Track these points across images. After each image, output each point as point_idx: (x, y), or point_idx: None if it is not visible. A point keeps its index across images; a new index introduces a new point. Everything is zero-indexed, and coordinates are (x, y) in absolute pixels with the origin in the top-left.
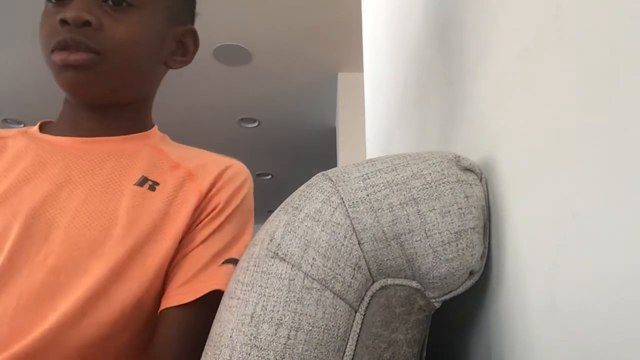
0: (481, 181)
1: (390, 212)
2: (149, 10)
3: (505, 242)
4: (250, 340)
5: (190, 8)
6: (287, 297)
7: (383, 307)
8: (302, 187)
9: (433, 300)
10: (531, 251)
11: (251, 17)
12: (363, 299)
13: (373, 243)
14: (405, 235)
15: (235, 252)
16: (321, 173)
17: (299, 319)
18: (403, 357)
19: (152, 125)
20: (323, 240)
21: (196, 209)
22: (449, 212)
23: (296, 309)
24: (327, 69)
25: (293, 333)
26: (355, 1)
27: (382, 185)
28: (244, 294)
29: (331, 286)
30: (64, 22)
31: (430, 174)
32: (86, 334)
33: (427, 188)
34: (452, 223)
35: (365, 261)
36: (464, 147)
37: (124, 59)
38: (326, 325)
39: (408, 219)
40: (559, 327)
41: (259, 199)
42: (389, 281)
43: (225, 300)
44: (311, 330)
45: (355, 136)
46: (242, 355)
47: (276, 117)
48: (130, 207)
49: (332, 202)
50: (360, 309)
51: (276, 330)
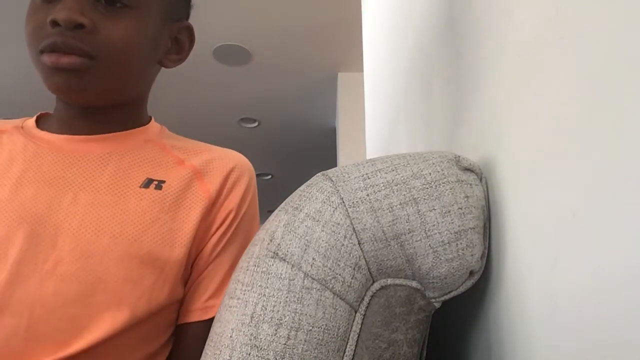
0: (481, 181)
1: (390, 212)
2: (144, 10)
3: (505, 242)
4: (250, 340)
5: (185, 2)
6: (287, 297)
7: (383, 307)
8: (302, 187)
9: (433, 300)
10: (531, 251)
11: (251, 17)
12: (363, 299)
13: (373, 243)
14: (405, 235)
15: None
16: (321, 173)
17: (299, 319)
18: (403, 357)
19: (149, 118)
20: (323, 240)
21: (206, 214)
22: (449, 212)
23: (296, 309)
24: (327, 69)
25: (293, 333)
26: (355, 1)
27: (382, 185)
28: (244, 294)
29: (331, 286)
30: (55, 24)
31: (430, 174)
32: (108, 346)
33: (427, 188)
34: (452, 223)
35: (365, 261)
36: (464, 147)
37: (118, 63)
38: (326, 325)
39: (408, 219)
40: (559, 327)
41: (259, 199)
42: (389, 281)
43: (225, 300)
44: (311, 330)
45: (355, 136)
46: (242, 355)
47: (276, 117)
48: (139, 212)
49: (332, 202)
50: (360, 309)
51: (276, 330)
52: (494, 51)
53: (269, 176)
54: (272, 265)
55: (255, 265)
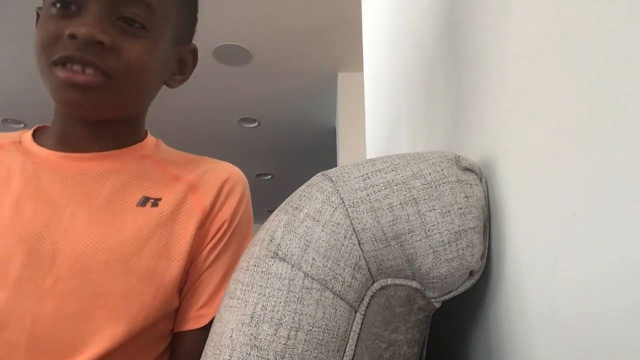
0: (481, 181)
1: (390, 212)
2: (159, 33)
3: (505, 242)
4: (250, 340)
5: (193, 26)
6: (287, 297)
7: (383, 307)
8: (302, 187)
9: (433, 300)
10: (531, 251)
11: (251, 17)
12: (363, 299)
13: (373, 243)
14: (405, 235)
15: None
16: (321, 173)
17: (299, 319)
18: (403, 357)
19: (146, 133)
20: (323, 240)
21: (201, 226)
22: (449, 212)
23: (296, 309)
24: (327, 69)
25: (293, 333)
26: (355, 1)
27: (382, 185)
28: (244, 294)
29: (331, 286)
30: (73, 37)
31: (430, 174)
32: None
33: (427, 188)
34: (452, 223)
35: (365, 261)
36: (464, 147)
37: (132, 83)
38: (326, 325)
39: (408, 219)
40: (559, 327)
41: (259, 199)
42: (389, 281)
43: (225, 300)
44: (311, 330)
45: (355, 136)
46: (242, 355)
47: (276, 117)
48: (136, 229)
49: (332, 202)
50: (360, 309)
51: (276, 330)
52: (494, 51)
53: (269, 176)
54: (272, 265)
55: (255, 265)
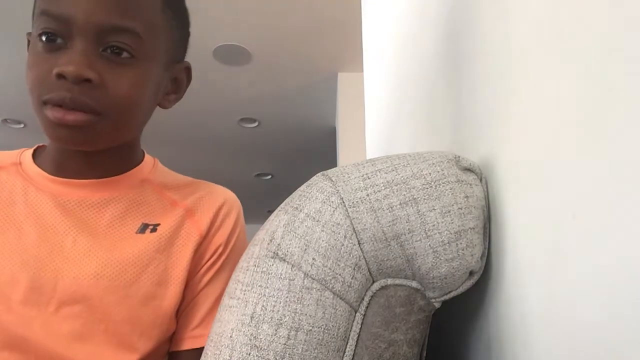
0: (481, 181)
1: (390, 212)
2: (150, 59)
3: (505, 242)
4: (250, 340)
5: (185, 41)
6: (287, 297)
7: (383, 307)
8: (302, 187)
9: (433, 300)
10: (531, 251)
11: (251, 17)
12: (363, 299)
13: (373, 243)
14: (405, 235)
15: None
16: (321, 173)
17: (299, 319)
18: (403, 357)
19: (143, 153)
20: (323, 240)
21: (197, 249)
22: (449, 212)
23: (296, 309)
24: (327, 69)
25: (293, 333)
26: (355, 1)
27: (382, 185)
28: (244, 294)
29: (331, 286)
30: (62, 77)
31: (430, 174)
32: None
33: (427, 188)
34: (452, 223)
35: (365, 261)
36: (464, 147)
37: (124, 116)
38: (326, 325)
39: (408, 219)
40: (559, 327)
41: (259, 199)
42: (389, 281)
43: (225, 300)
44: (311, 330)
45: (355, 136)
46: (242, 355)
47: (276, 117)
48: (136, 255)
49: (332, 202)
50: (360, 309)
51: (276, 330)
52: (495, 51)
53: (269, 176)
54: (272, 265)
55: (255, 265)
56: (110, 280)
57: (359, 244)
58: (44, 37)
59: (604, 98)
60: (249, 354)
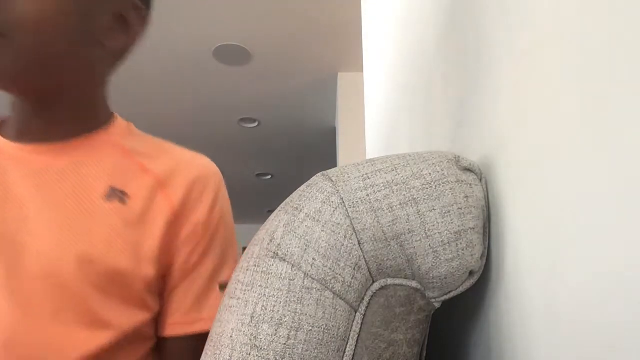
0: (481, 181)
1: (390, 212)
2: None
3: (505, 242)
4: (250, 340)
5: None
6: (287, 297)
7: (383, 307)
8: (302, 187)
9: (433, 300)
10: (531, 251)
11: (251, 17)
12: (363, 299)
13: (373, 243)
14: (405, 235)
15: (227, 270)
16: (321, 173)
17: (299, 319)
18: (403, 357)
19: (111, 115)
20: (323, 240)
21: (171, 226)
22: (449, 212)
23: (296, 309)
24: (327, 69)
25: (293, 333)
26: (355, 2)
27: (382, 185)
28: (244, 294)
29: (331, 286)
30: None
31: (430, 174)
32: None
33: (427, 188)
34: (452, 223)
35: (365, 261)
36: (464, 147)
37: (33, 38)
38: (326, 325)
39: (408, 219)
40: (559, 327)
41: (259, 199)
42: (389, 281)
43: (225, 300)
44: (311, 330)
45: (355, 136)
46: (242, 355)
47: (276, 117)
48: (104, 229)
49: (332, 202)
50: (360, 309)
51: (276, 330)
52: (495, 51)
53: (269, 176)
54: (272, 265)
55: (255, 265)
56: (76, 255)
57: (359, 244)
58: None
59: (605, 97)
60: (249, 354)
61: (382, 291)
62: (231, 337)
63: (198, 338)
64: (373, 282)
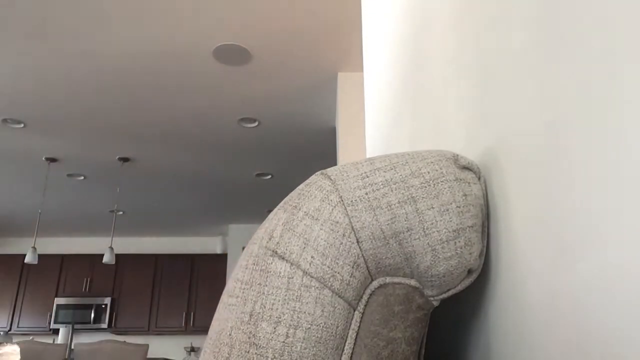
0: (479, 179)
1: (388, 211)
2: None
3: (503, 241)
4: (249, 338)
5: None
6: (286, 295)
7: (382, 306)
8: (301, 186)
9: (431, 298)
10: (530, 249)
11: (251, 17)
12: (362, 297)
13: (372, 241)
14: (403, 233)
15: None
16: (320, 172)
17: (298, 317)
18: (402, 355)
19: None
20: (322, 238)
21: None
22: (448, 211)
23: (295, 307)
24: (327, 69)
25: (292, 331)
26: (355, 1)
27: (381, 183)
28: (243, 292)
29: (330, 284)
30: None
31: (428, 173)
32: None
33: (426, 186)
34: (451, 221)
35: (363, 259)
36: (463, 146)
37: None
38: (325, 323)
39: (406, 217)
40: (559, 326)
41: (259, 199)
42: (388, 279)
43: (224, 298)
44: (310, 328)
45: (355, 136)
46: (241, 353)
47: (276, 117)
48: None
49: (331, 201)
50: (358, 307)
51: (275, 328)
52: (494, 50)
53: (269, 176)
54: (271, 263)
55: (254, 263)
56: None
57: (358, 242)
58: None
59: (605, 96)
60: (248, 352)
61: (381, 289)
62: (230, 335)
63: None
64: (372, 281)
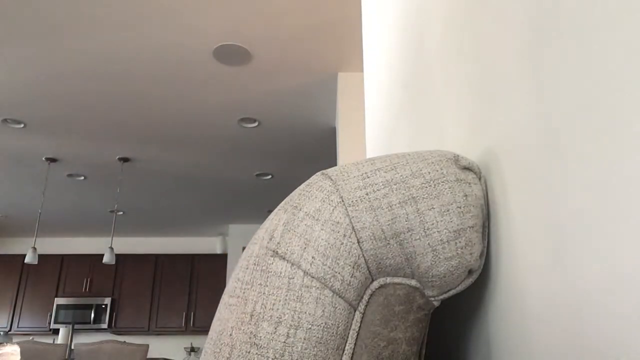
0: (480, 180)
1: (389, 211)
2: None
3: (504, 241)
4: (249, 338)
5: None
6: (287, 296)
7: (382, 306)
8: (302, 186)
9: (432, 298)
10: (530, 250)
11: (251, 17)
12: (362, 298)
13: (372, 242)
14: (404, 233)
15: None
16: (321, 172)
17: (299, 317)
18: (402, 356)
19: None
20: (322, 238)
21: None
22: (448, 211)
23: (295, 307)
24: (327, 69)
25: (292, 331)
26: (355, 1)
27: (382, 184)
28: (244, 292)
29: (330, 284)
30: None
31: (429, 173)
32: None
33: (426, 187)
34: (451, 222)
35: (364, 260)
36: (463, 147)
37: None
38: (325, 323)
39: (407, 218)
40: (559, 326)
41: (259, 199)
42: (388, 280)
43: (225, 298)
44: (310, 328)
45: (355, 136)
46: (242, 353)
47: (276, 117)
48: None
49: (332, 201)
50: (359, 308)
51: (275, 328)
52: (494, 50)
53: (269, 176)
54: (272, 263)
55: (255, 263)
56: None
57: (358, 243)
58: None
59: (605, 97)
60: (249, 352)
61: (382, 290)
62: (231, 335)
63: None
64: (372, 281)
